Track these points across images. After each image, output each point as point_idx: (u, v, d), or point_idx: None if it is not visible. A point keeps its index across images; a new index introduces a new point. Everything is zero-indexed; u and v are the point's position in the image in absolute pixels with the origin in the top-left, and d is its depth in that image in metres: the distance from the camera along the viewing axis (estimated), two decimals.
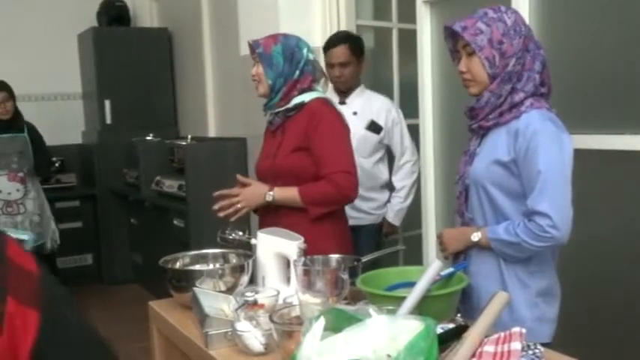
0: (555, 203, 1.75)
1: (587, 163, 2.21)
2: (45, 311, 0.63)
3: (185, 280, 1.97)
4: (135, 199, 5.16)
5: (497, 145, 1.86)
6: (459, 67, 1.90)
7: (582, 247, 2.29)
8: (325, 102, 2.40)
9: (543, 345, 1.51)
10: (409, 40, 3.45)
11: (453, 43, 1.94)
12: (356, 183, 2.33)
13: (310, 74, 2.40)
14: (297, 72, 2.37)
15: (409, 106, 3.56)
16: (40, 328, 0.62)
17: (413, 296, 1.58)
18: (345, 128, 2.39)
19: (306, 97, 2.38)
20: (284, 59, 2.37)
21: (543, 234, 1.75)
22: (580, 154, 1.84)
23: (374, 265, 2.09)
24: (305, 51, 2.40)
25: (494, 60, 1.81)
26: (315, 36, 3.71)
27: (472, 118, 1.94)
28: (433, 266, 1.67)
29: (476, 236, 1.88)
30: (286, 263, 2.09)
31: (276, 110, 2.42)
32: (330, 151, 2.31)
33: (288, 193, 2.31)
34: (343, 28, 3.60)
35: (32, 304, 0.62)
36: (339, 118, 2.39)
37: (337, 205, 2.39)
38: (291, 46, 2.39)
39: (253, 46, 2.41)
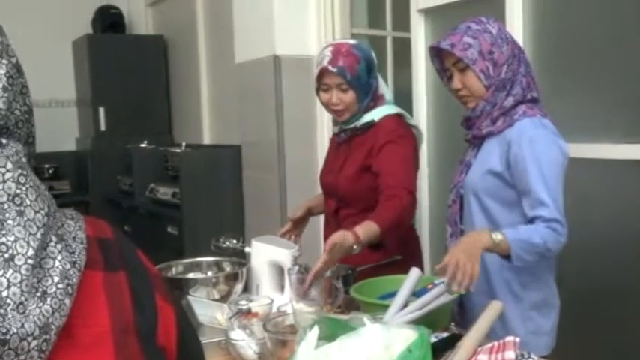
0: (562, 212, 1.75)
1: (583, 172, 2.22)
2: (176, 308, 0.74)
3: (179, 288, 1.97)
4: (129, 207, 5.14)
5: (490, 155, 1.86)
6: (452, 84, 1.90)
7: (581, 257, 2.29)
8: (397, 118, 2.22)
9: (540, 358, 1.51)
10: (404, 49, 3.46)
11: (440, 62, 1.94)
12: (415, 203, 2.13)
13: (376, 78, 2.23)
14: (375, 82, 2.21)
15: None
16: (178, 320, 0.72)
17: (395, 306, 1.60)
18: (411, 147, 2.20)
19: (376, 116, 2.20)
20: (368, 75, 2.17)
21: (561, 239, 1.73)
22: (576, 163, 1.84)
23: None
24: (374, 54, 2.23)
25: (489, 71, 1.82)
26: (311, 45, 3.72)
27: (468, 129, 1.94)
28: (411, 275, 1.68)
29: (498, 234, 1.67)
30: (280, 271, 2.09)
31: (347, 127, 2.24)
32: (391, 168, 2.11)
33: (370, 231, 1.96)
34: (338, 36, 3.61)
35: (169, 300, 0.72)
36: (408, 134, 2.21)
37: (404, 224, 2.14)
38: (369, 57, 2.19)
39: (339, 73, 2.12)
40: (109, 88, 5.43)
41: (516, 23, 2.51)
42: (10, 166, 0.62)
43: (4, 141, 0.64)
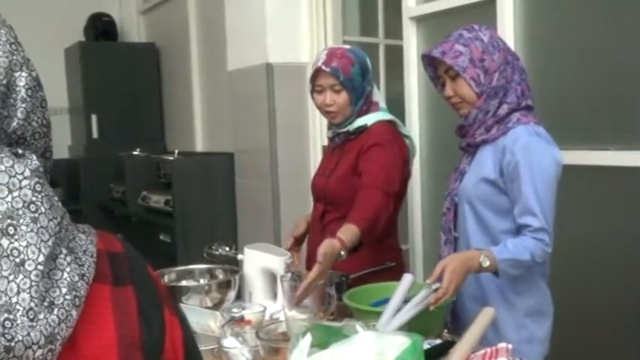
0: (551, 220, 1.76)
1: (571, 179, 2.23)
2: (181, 321, 0.75)
3: (172, 296, 1.96)
4: (121, 214, 5.13)
5: (484, 163, 1.86)
6: (444, 92, 1.91)
7: (574, 264, 2.30)
8: (389, 124, 2.23)
9: None
10: (396, 56, 3.47)
11: (433, 70, 1.95)
12: (390, 205, 2.08)
13: (371, 84, 2.25)
14: (369, 87, 2.23)
15: None
16: (183, 332, 0.74)
17: (388, 311, 1.59)
18: (398, 152, 2.18)
19: (369, 120, 2.21)
20: (362, 78, 2.19)
21: (547, 249, 1.75)
22: (565, 170, 1.85)
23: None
24: (369, 61, 2.25)
25: (480, 78, 1.82)
26: (303, 52, 3.73)
27: (462, 137, 1.95)
28: (404, 281, 1.68)
29: (487, 260, 1.70)
30: (273, 279, 2.08)
31: (340, 131, 2.26)
32: (372, 168, 2.11)
33: (352, 235, 1.94)
34: (330, 44, 3.62)
35: (175, 313, 0.74)
36: (397, 141, 2.21)
37: (379, 223, 2.06)
38: (363, 62, 2.21)
39: (332, 73, 2.15)
40: (102, 96, 5.42)
41: (507, 29, 2.52)
42: (27, 173, 0.63)
43: (20, 151, 0.65)
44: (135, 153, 5.24)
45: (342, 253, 1.90)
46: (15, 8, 5.67)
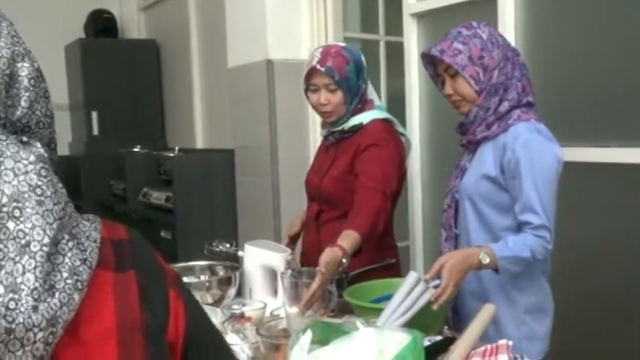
0: (552, 218, 1.76)
1: (572, 176, 2.23)
2: (186, 302, 0.76)
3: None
4: (122, 211, 5.13)
5: (485, 160, 1.86)
6: (444, 90, 1.90)
7: (574, 262, 2.30)
8: (384, 123, 2.21)
9: None
10: (396, 53, 3.47)
11: (433, 68, 1.94)
12: (389, 205, 2.07)
13: (365, 82, 2.23)
14: (364, 85, 2.21)
15: (396, 118, 3.57)
16: (186, 315, 0.74)
17: (391, 307, 1.59)
18: (395, 151, 2.17)
19: (365, 119, 2.19)
20: (357, 76, 2.17)
21: (548, 246, 1.74)
22: (566, 167, 1.85)
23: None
24: (364, 58, 2.23)
25: (479, 76, 1.82)
26: (303, 49, 3.72)
27: (463, 134, 1.95)
28: (409, 279, 1.67)
29: (487, 257, 1.69)
30: (273, 275, 2.08)
31: (334, 129, 2.24)
32: (369, 169, 2.09)
33: (353, 241, 1.93)
34: (331, 40, 3.61)
35: (180, 297, 0.75)
36: (394, 139, 2.20)
37: (379, 226, 2.04)
38: (358, 59, 2.19)
39: (327, 73, 2.12)
40: (102, 93, 5.42)
41: (508, 26, 2.51)
42: (32, 158, 0.64)
43: (25, 139, 0.67)
44: (135, 150, 5.24)
45: (344, 260, 1.88)
46: (15, 5, 5.65)
